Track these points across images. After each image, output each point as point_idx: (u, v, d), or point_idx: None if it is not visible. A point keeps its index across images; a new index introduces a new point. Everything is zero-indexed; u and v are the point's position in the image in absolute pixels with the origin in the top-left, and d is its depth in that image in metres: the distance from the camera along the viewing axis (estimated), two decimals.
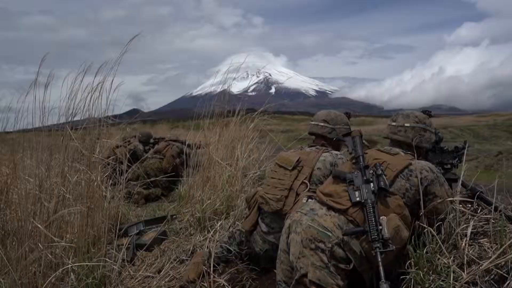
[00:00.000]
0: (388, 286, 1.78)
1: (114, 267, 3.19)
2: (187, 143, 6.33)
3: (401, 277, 2.16)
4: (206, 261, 2.91)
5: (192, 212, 4.00)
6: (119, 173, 3.99)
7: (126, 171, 3.96)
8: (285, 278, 2.24)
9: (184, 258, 3.39)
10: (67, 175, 3.35)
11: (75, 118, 3.47)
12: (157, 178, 5.89)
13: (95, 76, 3.46)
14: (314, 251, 2.04)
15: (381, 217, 2.00)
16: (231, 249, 2.98)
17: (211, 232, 3.62)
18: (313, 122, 3.05)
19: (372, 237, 1.92)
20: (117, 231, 3.58)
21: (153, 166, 6.67)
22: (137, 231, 4.10)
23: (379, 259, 1.85)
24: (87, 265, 3.09)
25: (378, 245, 1.89)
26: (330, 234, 2.06)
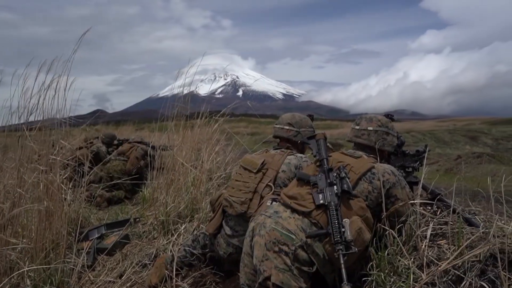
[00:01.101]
0: None
1: (73, 272, 3.08)
2: (152, 145, 6.22)
3: (363, 278, 2.19)
4: (168, 265, 2.86)
5: (155, 215, 3.93)
6: (80, 175, 3.87)
7: (88, 172, 3.85)
8: (249, 281, 2.23)
9: (146, 262, 3.32)
10: (24, 176, 3.22)
11: (32, 118, 3.34)
12: (120, 181, 5.75)
13: (46, 74, 3.34)
14: (277, 254, 2.03)
15: (343, 220, 2.01)
16: (194, 252, 2.94)
17: (175, 236, 3.57)
18: (278, 126, 3.06)
19: (335, 239, 1.93)
20: (77, 235, 3.47)
21: (116, 168, 6.52)
22: (99, 234, 4.00)
23: (342, 261, 1.87)
24: (44, 270, 2.98)
25: (341, 247, 1.90)
26: (293, 237, 2.06)
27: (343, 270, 1.85)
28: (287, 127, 3.00)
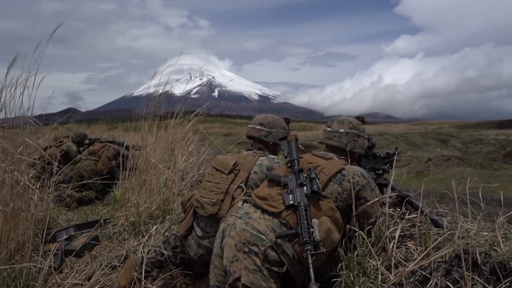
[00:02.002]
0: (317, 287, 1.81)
1: (39, 274, 2.99)
2: (124, 144, 6.12)
3: (333, 280, 2.20)
4: (138, 267, 2.81)
5: (126, 216, 3.86)
6: (48, 175, 3.76)
7: (57, 172, 3.75)
8: (218, 283, 2.22)
9: (116, 264, 3.26)
10: None
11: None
12: (91, 181, 5.63)
13: (16, 70, 3.24)
14: (247, 255, 2.03)
15: (313, 220, 2.03)
16: (165, 254, 2.90)
17: (146, 237, 3.52)
18: (250, 125, 3.06)
19: (304, 239, 1.94)
20: (45, 236, 3.37)
21: (87, 168, 6.38)
22: (67, 236, 3.90)
23: (310, 261, 1.88)
24: (8, 272, 2.88)
25: (309, 247, 1.91)
26: (263, 237, 2.06)
27: (311, 270, 1.86)
28: (258, 127, 3.00)
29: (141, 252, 3.17)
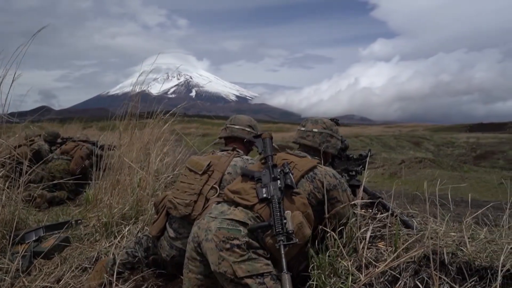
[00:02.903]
0: (289, 277, 1.82)
1: (6, 277, 2.90)
2: (98, 144, 6.01)
3: (307, 284, 2.22)
4: (109, 269, 2.76)
5: (98, 217, 3.79)
6: (18, 174, 3.66)
7: (27, 171, 3.65)
8: (193, 287, 2.20)
9: (87, 266, 3.19)
10: None
11: None
12: (62, 180, 5.50)
13: None
14: (230, 251, 2.02)
15: (286, 212, 2.06)
16: (137, 255, 2.86)
17: (118, 238, 3.46)
18: (237, 126, 3.02)
19: (277, 230, 1.97)
20: (13, 237, 3.27)
21: (59, 168, 6.23)
22: (36, 237, 3.78)
23: (283, 252, 1.90)
24: None
25: (282, 238, 1.94)
26: (241, 229, 2.08)
27: (284, 260, 1.88)
28: (248, 129, 3.01)
29: (112, 254, 3.11)
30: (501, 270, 1.84)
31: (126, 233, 3.51)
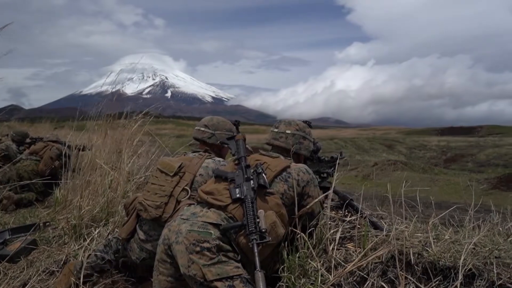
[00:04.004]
0: (263, 275, 1.83)
1: None
2: (68, 144, 5.87)
3: (277, 285, 2.23)
4: (77, 272, 2.70)
5: (67, 219, 3.70)
6: None
7: None
8: None
9: (54, 269, 3.11)
10: None
11: None
12: (31, 181, 5.35)
13: None
14: (200, 253, 2.01)
15: (259, 211, 2.08)
16: (106, 258, 2.81)
17: (88, 240, 3.40)
18: (196, 127, 3.04)
19: (250, 229, 1.98)
20: None
21: (27, 168, 6.06)
22: (1, 240, 3.67)
23: (256, 250, 1.91)
24: None
25: (255, 237, 1.96)
26: (212, 232, 2.07)
27: (257, 259, 1.89)
28: (202, 129, 2.99)
29: (81, 257, 3.05)
30: (462, 269, 1.90)
31: (96, 236, 3.45)
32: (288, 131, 2.66)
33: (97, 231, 3.51)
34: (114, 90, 4.83)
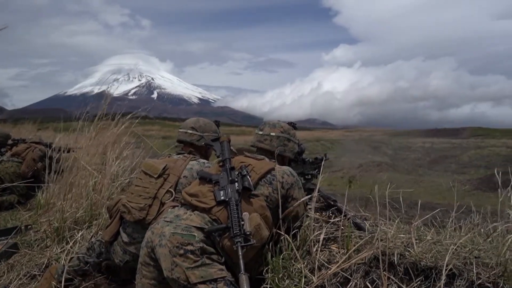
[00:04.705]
0: (247, 277, 1.84)
1: None
2: (53, 146, 5.77)
3: (261, 287, 2.23)
4: (58, 276, 2.66)
5: (50, 222, 3.65)
6: None
7: None
8: None
9: (36, 273, 3.07)
10: None
11: None
12: (13, 184, 5.25)
13: None
14: (184, 256, 2.00)
15: (243, 213, 2.08)
16: (89, 261, 2.77)
17: (70, 243, 3.35)
18: (181, 130, 3.02)
19: (234, 232, 1.98)
20: None
21: (9, 170, 5.93)
22: None
23: (240, 253, 1.92)
24: None
25: (240, 239, 1.96)
26: (195, 234, 2.06)
27: (241, 261, 1.89)
28: (190, 131, 2.97)
29: (63, 260, 3.01)
30: (445, 270, 1.92)
31: (79, 238, 3.40)
32: (272, 133, 2.66)
33: (80, 234, 3.46)
34: (99, 91, 4.79)
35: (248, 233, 1.98)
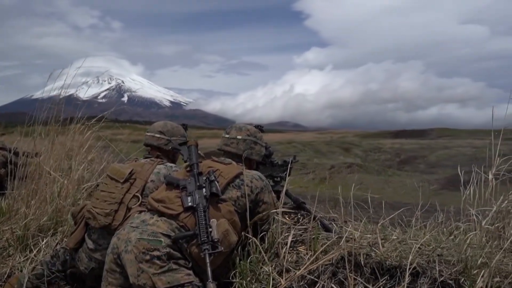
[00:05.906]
0: (215, 286, 1.83)
1: None
2: (15, 151, 5.58)
3: None
4: (19, 286, 2.57)
5: (12, 230, 3.52)
6: None
7: None
8: None
9: None
10: None
11: None
12: None
13: None
14: (150, 262, 1.97)
15: (211, 220, 2.06)
16: (53, 269, 2.69)
17: (34, 251, 3.24)
18: (149, 133, 2.97)
19: (202, 239, 1.96)
20: None
21: None
22: None
23: (207, 260, 1.90)
24: None
25: (207, 247, 1.94)
26: (161, 240, 2.03)
27: (209, 269, 1.88)
28: (158, 135, 2.93)
29: (26, 269, 2.90)
30: (409, 268, 1.96)
31: (43, 246, 3.30)
32: (239, 137, 2.65)
33: (44, 241, 3.35)
34: (66, 94, 4.66)
35: (215, 240, 1.97)
